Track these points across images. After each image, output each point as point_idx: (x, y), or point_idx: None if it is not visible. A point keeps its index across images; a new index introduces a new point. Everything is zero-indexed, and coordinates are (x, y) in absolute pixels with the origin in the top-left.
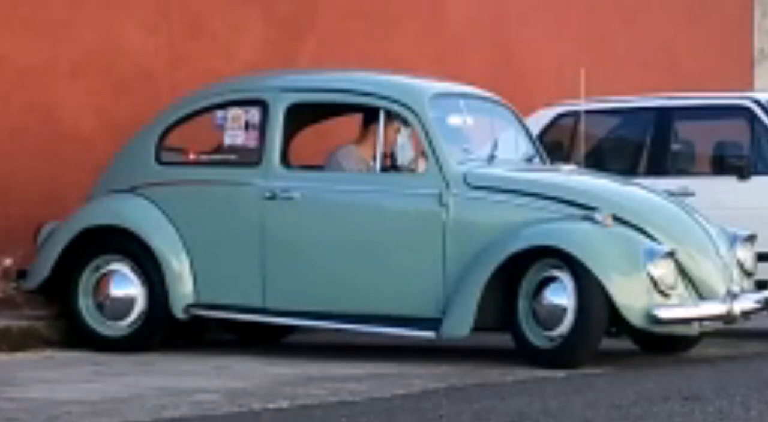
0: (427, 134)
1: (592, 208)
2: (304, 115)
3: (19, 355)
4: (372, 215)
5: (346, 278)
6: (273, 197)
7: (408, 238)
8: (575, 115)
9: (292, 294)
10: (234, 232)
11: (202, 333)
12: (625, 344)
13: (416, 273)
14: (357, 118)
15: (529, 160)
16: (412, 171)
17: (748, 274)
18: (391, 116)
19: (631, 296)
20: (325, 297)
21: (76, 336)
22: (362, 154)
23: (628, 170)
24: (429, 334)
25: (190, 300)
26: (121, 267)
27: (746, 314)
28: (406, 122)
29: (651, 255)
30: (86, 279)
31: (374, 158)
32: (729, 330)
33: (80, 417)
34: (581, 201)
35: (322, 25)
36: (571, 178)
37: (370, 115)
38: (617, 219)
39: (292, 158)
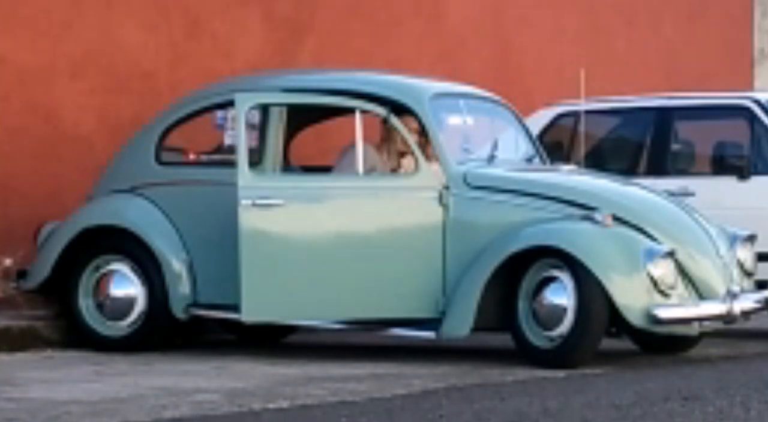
0: (427, 134)
1: (592, 208)
2: (304, 115)
3: (19, 355)
4: (371, 215)
5: (345, 279)
6: None
7: (408, 238)
8: (575, 115)
9: None
10: (234, 232)
11: (202, 333)
12: (625, 344)
13: (416, 274)
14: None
15: (529, 160)
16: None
17: (748, 274)
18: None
19: (631, 296)
20: (324, 298)
21: (76, 336)
22: (378, 153)
23: (628, 170)
24: (429, 334)
25: (190, 300)
26: (121, 267)
27: (746, 314)
28: None
29: (651, 255)
30: (86, 279)
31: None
32: (729, 330)
33: (80, 417)
34: (581, 201)
35: (322, 25)
36: (571, 178)
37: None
38: (617, 219)
39: (292, 158)
